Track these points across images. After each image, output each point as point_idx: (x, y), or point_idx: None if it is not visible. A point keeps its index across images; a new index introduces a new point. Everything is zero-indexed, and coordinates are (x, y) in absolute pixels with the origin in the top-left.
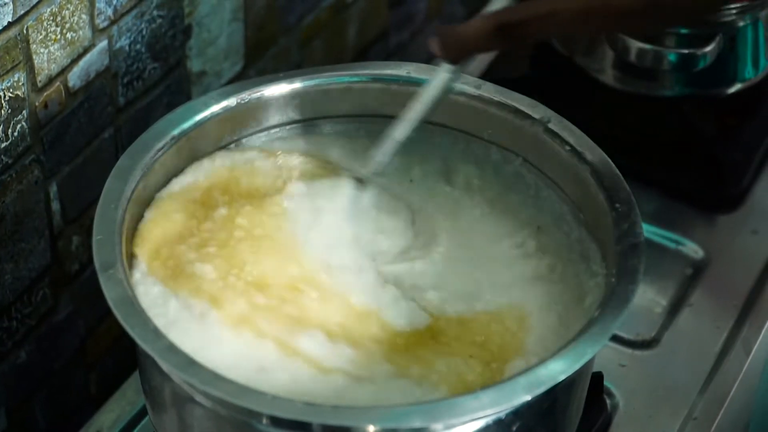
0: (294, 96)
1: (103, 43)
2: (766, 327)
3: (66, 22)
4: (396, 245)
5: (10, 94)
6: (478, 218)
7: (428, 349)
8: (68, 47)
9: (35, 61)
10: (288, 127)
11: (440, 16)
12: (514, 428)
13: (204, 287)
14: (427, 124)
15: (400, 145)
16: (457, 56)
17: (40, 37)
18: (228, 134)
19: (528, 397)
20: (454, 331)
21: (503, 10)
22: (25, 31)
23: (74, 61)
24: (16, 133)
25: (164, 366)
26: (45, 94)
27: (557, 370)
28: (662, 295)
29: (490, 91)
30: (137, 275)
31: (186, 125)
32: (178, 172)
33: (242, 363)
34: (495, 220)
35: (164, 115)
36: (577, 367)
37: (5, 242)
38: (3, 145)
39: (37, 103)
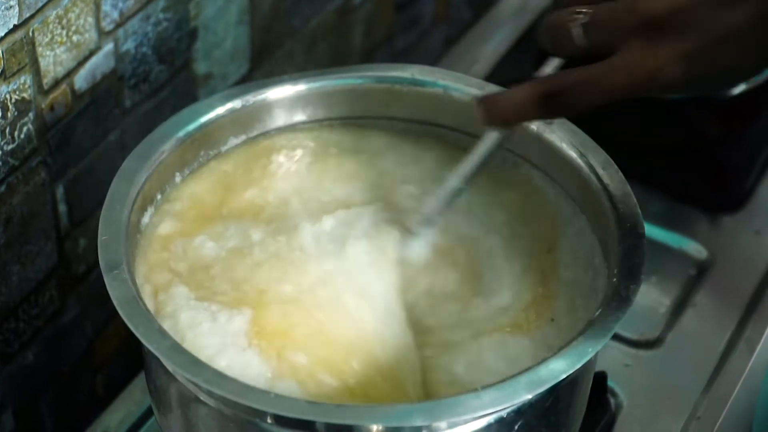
0: (299, 98)
1: (109, 46)
2: None
3: (72, 25)
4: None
5: (17, 97)
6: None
7: None
8: (74, 50)
9: (41, 64)
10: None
11: (446, 19)
12: (516, 427)
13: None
14: (433, 126)
15: (446, 204)
16: (503, 124)
17: (46, 39)
18: (233, 136)
19: (529, 396)
20: None
21: (549, 77)
22: (30, 34)
23: (80, 63)
24: (22, 136)
25: (169, 365)
26: (51, 96)
27: (558, 369)
28: (666, 296)
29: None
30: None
31: (191, 127)
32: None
33: None
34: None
35: (170, 117)
36: (578, 366)
37: (12, 244)
38: (9, 147)
39: (43, 106)
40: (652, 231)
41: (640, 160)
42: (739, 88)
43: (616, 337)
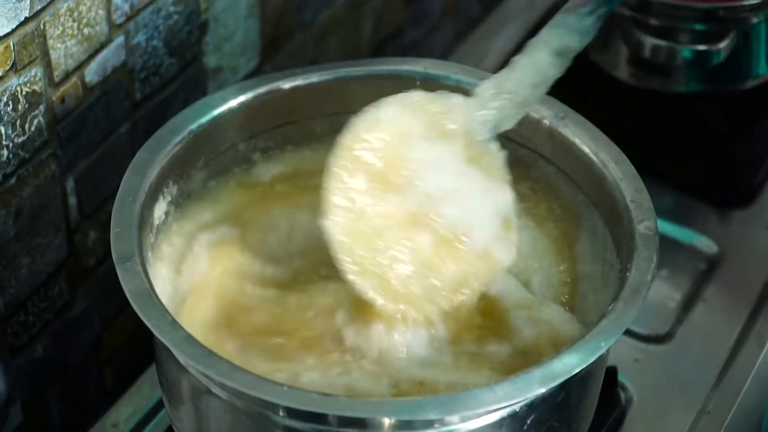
0: (311, 91)
1: (119, 39)
2: None
3: (83, 18)
4: None
5: (27, 89)
6: None
7: None
8: (85, 42)
9: (52, 57)
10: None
11: (455, 13)
12: (529, 421)
13: None
14: None
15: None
16: None
17: (57, 32)
18: (245, 129)
19: (542, 390)
20: None
21: None
22: (42, 27)
23: (91, 56)
24: (33, 128)
25: (181, 357)
26: (62, 89)
27: (571, 363)
28: (676, 290)
29: None
30: None
31: (203, 120)
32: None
33: None
34: None
35: (180, 110)
36: (591, 360)
37: (22, 237)
38: (20, 139)
39: (54, 98)
40: (662, 226)
41: (649, 154)
42: (749, 83)
43: (627, 332)
